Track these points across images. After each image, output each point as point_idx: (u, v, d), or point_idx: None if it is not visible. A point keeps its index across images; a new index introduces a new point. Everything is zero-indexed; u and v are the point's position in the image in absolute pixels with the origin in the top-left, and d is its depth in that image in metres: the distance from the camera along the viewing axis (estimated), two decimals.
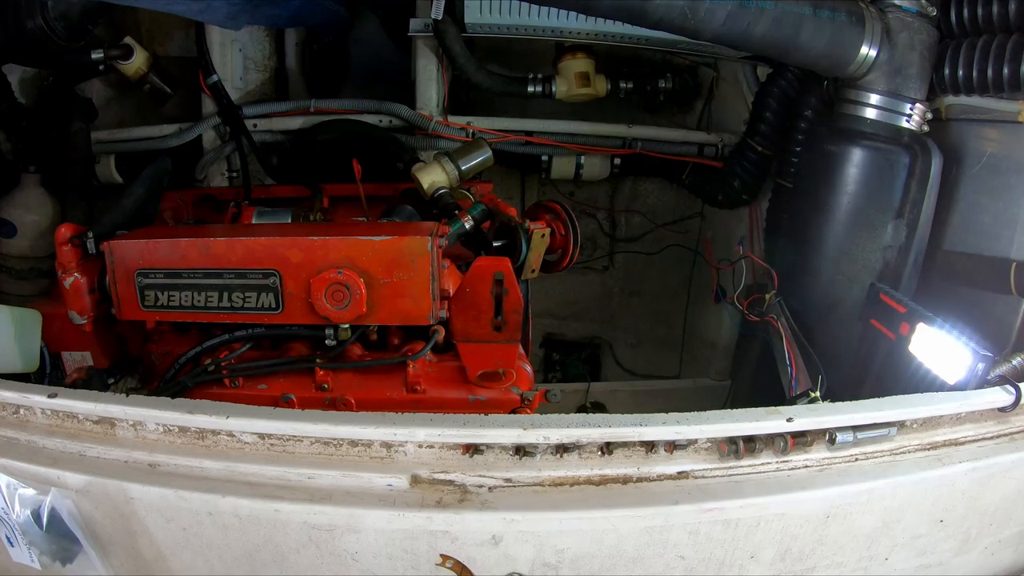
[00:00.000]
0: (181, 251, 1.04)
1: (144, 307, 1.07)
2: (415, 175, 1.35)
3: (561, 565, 0.83)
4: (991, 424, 0.98)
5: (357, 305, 1.02)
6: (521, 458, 0.86)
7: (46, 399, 0.88)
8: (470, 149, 1.40)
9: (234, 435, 0.87)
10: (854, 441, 0.90)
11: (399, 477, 0.83)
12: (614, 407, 2.36)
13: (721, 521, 0.84)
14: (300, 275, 1.03)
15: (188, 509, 0.83)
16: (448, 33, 1.73)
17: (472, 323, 1.11)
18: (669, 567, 0.86)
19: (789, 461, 0.89)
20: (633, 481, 0.86)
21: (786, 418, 0.88)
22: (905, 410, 0.93)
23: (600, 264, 2.50)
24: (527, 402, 1.16)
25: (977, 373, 1.15)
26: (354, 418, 0.87)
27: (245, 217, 1.35)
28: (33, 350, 1.12)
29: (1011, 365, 1.11)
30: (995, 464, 0.94)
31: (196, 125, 1.80)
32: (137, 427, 0.88)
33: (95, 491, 0.85)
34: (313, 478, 0.84)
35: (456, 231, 1.20)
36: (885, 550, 0.94)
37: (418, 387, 1.13)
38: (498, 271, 1.09)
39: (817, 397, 1.39)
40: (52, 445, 0.89)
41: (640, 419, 0.87)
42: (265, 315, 1.06)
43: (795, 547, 0.89)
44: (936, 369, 1.29)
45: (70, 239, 1.10)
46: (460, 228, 1.21)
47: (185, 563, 0.88)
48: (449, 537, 0.81)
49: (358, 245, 1.02)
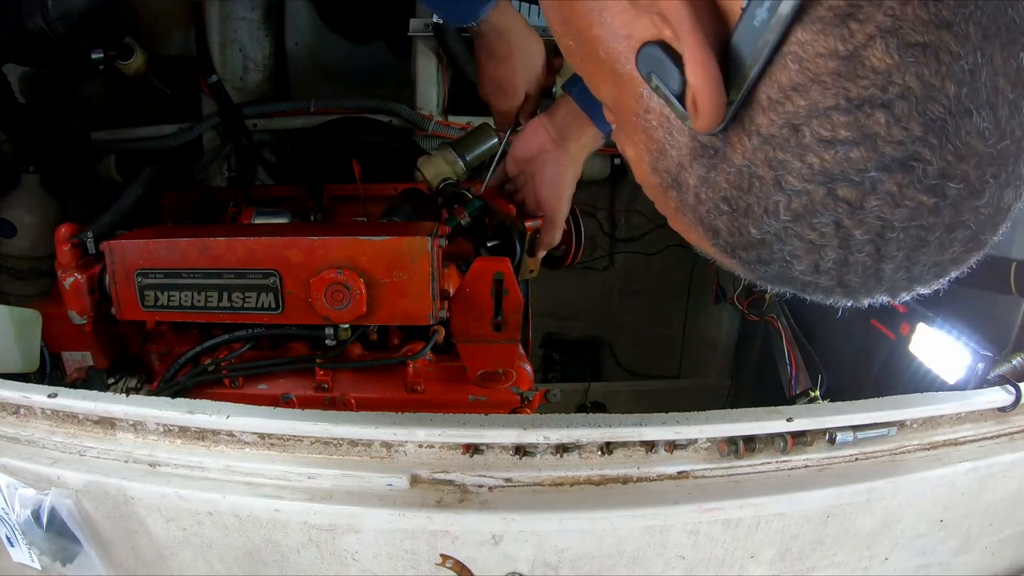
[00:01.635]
0: (181, 251, 1.04)
1: (144, 307, 1.07)
2: (419, 168, 1.33)
3: (561, 565, 0.83)
4: (991, 424, 0.98)
5: (357, 305, 1.02)
6: (521, 458, 0.86)
7: (46, 399, 0.88)
8: (475, 138, 1.38)
9: (234, 435, 0.87)
10: (854, 441, 0.90)
11: (399, 477, 0.83)
12: (614, 407, 2.36)
13: (721, 521, 0.84)
14: (300, 275, 1.03)
15: (188, 509, 0.83)
16: (448, 33, 1.73)
17: (472, 323, 1.11)
18: (669, 567, 0.86)
19: (789, 461, 0.89)
20: (633, 481, 0.86)
21: (786, 418, 0.88)
22: (905, 410, 0.93)
23: (600, 264, 2.50)
24: (527, 402, 1.16)
25: (977, 373, 1.16)
26: (354, 418, 0.87)
27: (245, 217, 1.35)
28: (33, 350, 1.12)
29: (1011, 365, 1.12)
30: (995, 464, 0.94)
31: (196, 125, 1.80)
32: (137, 427, 0.88)
33: (95, 491, 0.85)
34: (313, 478, 0.84)
35: (452, 228, 1.19)
36: (885, 550, 0.94)
37: (418, 387, 1.13)
38: (498, 271, 1.09)
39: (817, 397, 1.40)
40: (52, 445, 0.89)
41: (640, 419, 0.87)
42: (265, 315, 1.06)
43: (795, 547, 0.89)
44: (936, 369, 1.30)
45: (70, 239, 1.10)
46: (457, 225, 1.21)
47: (185, 563, 0.88)
48: (449, 537, 0.81)
49: (358, 245, 1.02)
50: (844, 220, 0.42)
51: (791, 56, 0.40)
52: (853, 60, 0.39)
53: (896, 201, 0.41)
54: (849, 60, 0.39)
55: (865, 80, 0.39)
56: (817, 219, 0.43)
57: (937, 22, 0.37)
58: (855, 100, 0.39)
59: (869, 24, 0.38)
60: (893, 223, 0.41)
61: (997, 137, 0.39)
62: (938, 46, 0.37)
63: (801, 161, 0.42)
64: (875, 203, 0.41)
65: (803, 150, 0.41)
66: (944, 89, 0.38)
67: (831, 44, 0.39)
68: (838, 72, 0.39)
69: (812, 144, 0.41)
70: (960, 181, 0.40)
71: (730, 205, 0.47)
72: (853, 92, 0.39)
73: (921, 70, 0.38)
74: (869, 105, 0.39)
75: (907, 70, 0.38)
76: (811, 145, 0.41)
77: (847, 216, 0.42)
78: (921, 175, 0.40)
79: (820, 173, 0.41)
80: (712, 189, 0.48)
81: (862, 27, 0.38)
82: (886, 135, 0.39)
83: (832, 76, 0.39)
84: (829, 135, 0.40)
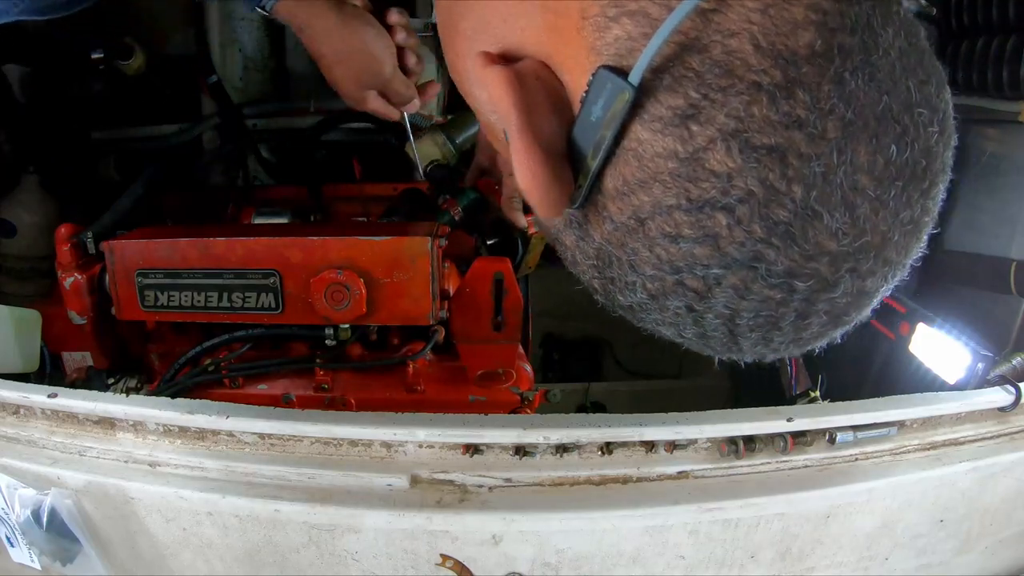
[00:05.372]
0: (181, 251, 1.04)
1: (144, 307, 1.07)
2: (407, 151, 1.30)
3: (561, 565, 0.83)
4: (991, 424, 0.98)
5: (357, 305, 1.02)
6: (521, 458, 0.86)
7: (46, 399, 0.88)
8: (464, 121, 1.34)
9: (234, 435, 0.87)
10: (854, 441, 0.90)
11: (399, 477, 0.83)
12: (614, 407, 2.36)
13: (721, 521, 0.84)
14: (300, 275, 1.03)
15: (188, 509, 0.83)
16: None
17: (472, 323, 1.11)
18: (669, 567, 0.86)
19: (789, 461, 0.89)
20: (633, 481, 0.86)
21: (786, 418, 0.88)
22: (905, 410, 0.93)
23: None
24: (527, 402, 1.16)
25: (977, 373, 1.16)
26: (354, 418, 0.87)
27: (244, 217, 1.35)
28: (33, 350, 1.12)
29: (1011, 365, 1.11)
30: (995, 464, 0.93)
31: (196, 125, 1.80)
32: (137, 427, 0.88)
33: (95, 491, 0.85)
34: (313, 478, 0.84)
35: (444, 223, 1.18)
36: (885, 550, 0.94)
37: (418, 387, 1.13)
38: (498, 271, 1.09)
39: (817, 397, 1.39)
40: (52, 445, 0.89)
41: (640, 419, 0.86)
42: (265, 315, 1.06)
43: (795, 547, 0.89)
44: (936, 369, 1.30)
45: (70, 239, 1.10)
46: (449, 220, 1.20)
47: (185, 563, 0.88)
48: (449, 537, 0.81)
49: (358, 245, 1.02)
50: (695, 305, 0.42)
51: (632, 152, 0.40)
52: (692, 162, 0.38)
53: (741, 295, 0.40)
54: (688, 162, 0.38)
55: (705, 183, 0.38)
56: (670, 301, 0.43)
57: (786, 122, 0.36)
58: (696, 201, 0.38)
59: (710, 127, 0.37)
60: (741, 312, 0.41)
61: (853, 236, 0.38)
62: (786, 148, 0.36)
63: (650, 251, 0.42)
64: (721, 296, 0.41)
65: (650, 242, 0.41)
66: (790, 193, 0.36)
67: (670, 145, 0.38)
68: (678, 173, 0.38)
69: (658, 238, 0.41)
70: (809, 279, 0.39)
71: (599, 272, 0.47)
72: (694, 193, 0.38)
73: (764, 174, 0.36)
74: (710, 207, 0.38)
75: (749, 174, 0.37)
76: (657, 238, 0.41)
77: (696, 303, 0.42)
78: (765, 273, 0.39)
79: (667, 264, 0.41)
80: (582, 255, 0.48)
81: (703, 129, 0.37)
82: (728, 236, 0.38)
83: (672, 176, 0.39)
84: (673, 232, 0.40)
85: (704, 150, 0.37)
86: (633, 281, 0.44)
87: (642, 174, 0.40)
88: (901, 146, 0.37)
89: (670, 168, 0.38)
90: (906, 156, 0.37)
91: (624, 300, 0.47)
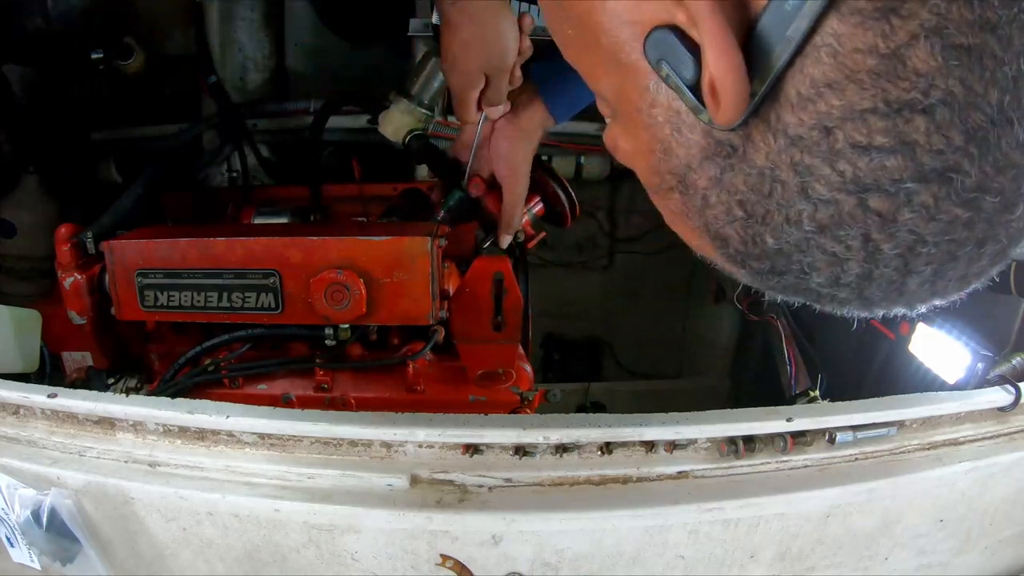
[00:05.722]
0: (180, 251, 1.04)
1: (144, 307, 1.07)
2: (379, 128, 1.23)
3: (561, 565, 0.83)
4: (991, 424, 0.98)
5: (357, 305, 1.02)
6: (521, 458, 0.86)
7: (46, 399, 0.88)
8: (421, 73, 1.21)
9: (234, 435, 0.87)
10: (854, 441, 0.90)
11: (399, 477, 0.83)
12: (614, 407, 2.36)
13: (721, 521, 0.84)
14: (300, 275, 1.03)
15: (188, 509, 0.83)
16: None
17: (472, 323, 1.11)
18: (669, 567, 0.86)
19: (789, 461, 0.89)
20: (633, 481, 0.86)
21: (786, 418, 0.88)
22: (905, 410, 0.93)
23: (600, 264, 2.50)
24: (527, 402, 1.16)
25: (977, 373, 1.16)
26: (354, 418, 0.87)
27: (244, 217, 1.35)
28: (33, 350, 1.12)
29: (1011, 365, 1.12)
30: (995, 464, 0.94)
31: (196, 125, 1.80)
32: (137, 427, 0.88)
33: (95, 491, 0.85)
34: (313, 478, 0.84)
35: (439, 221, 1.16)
36: (885, 550, 0.94)
37: (418, 387, 1.13)
38: (498, 271, 1.09)
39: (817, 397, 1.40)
40: (52, 445, 0.89)
41: (640, 419, 0.86)
42: (265, 315, 1.06)
43: (795, 547, 0.89)
44: (936, 369, 1.30)
45: (70, 239, 1.10)
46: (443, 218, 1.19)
47: (185, 563, 0.88)
48: (449, 537, 0.81)
49: (358, 245, 1.02)
50: (873, 233, 0.39)
51: (826, 49, 0.36)
52: (894, 59, 0.35)
53: (931, 214, 0.38)
54: (890, 59, 0.35)
55: (906, 82, 0.35)
56: (844, 231, 0.40)
57: (982, 24, 0.34)
58: (894, 104, 0.36)
59: (912, 21, 0.34)
60: (925, 237, 0.39)
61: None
62: (982, 50, 0.34)
63: (831, 168, 0.38)
64: (908, 216, 0.38)
65: (835, 156, 0.38)
66: (987, 96, 0.35)
67: (870, 40, 0.35)
68: (877, 71, 0.36)
69: (845, 149, 0.37)
70: (997, 195, 0.37)
71: (745, 210, 0.43)
72: (893, 95, 0.36)
73: (965, 75, 0.34)
74: (909, 110, 0.36)
75: (951, 74, 0.35)
76: (844, 151, 0.38)
77: (877, 229, 0.39)
78: (959, 187, 0.37)
79: (852, 182, 0.38)
80: (726, 192, 0.44)
81: (905, 24, 0.35)
82: (925, 143, 0.36)
83: (871, 75, 0.36)
84: (864, 140, 0.37)
85: (906, 47, 0.35)
86: (800, 211, 0.40)
87: (836, 73, 0.36)
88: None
89: (869, 66, 0.36)
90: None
91: (774, 242, 0.42)
